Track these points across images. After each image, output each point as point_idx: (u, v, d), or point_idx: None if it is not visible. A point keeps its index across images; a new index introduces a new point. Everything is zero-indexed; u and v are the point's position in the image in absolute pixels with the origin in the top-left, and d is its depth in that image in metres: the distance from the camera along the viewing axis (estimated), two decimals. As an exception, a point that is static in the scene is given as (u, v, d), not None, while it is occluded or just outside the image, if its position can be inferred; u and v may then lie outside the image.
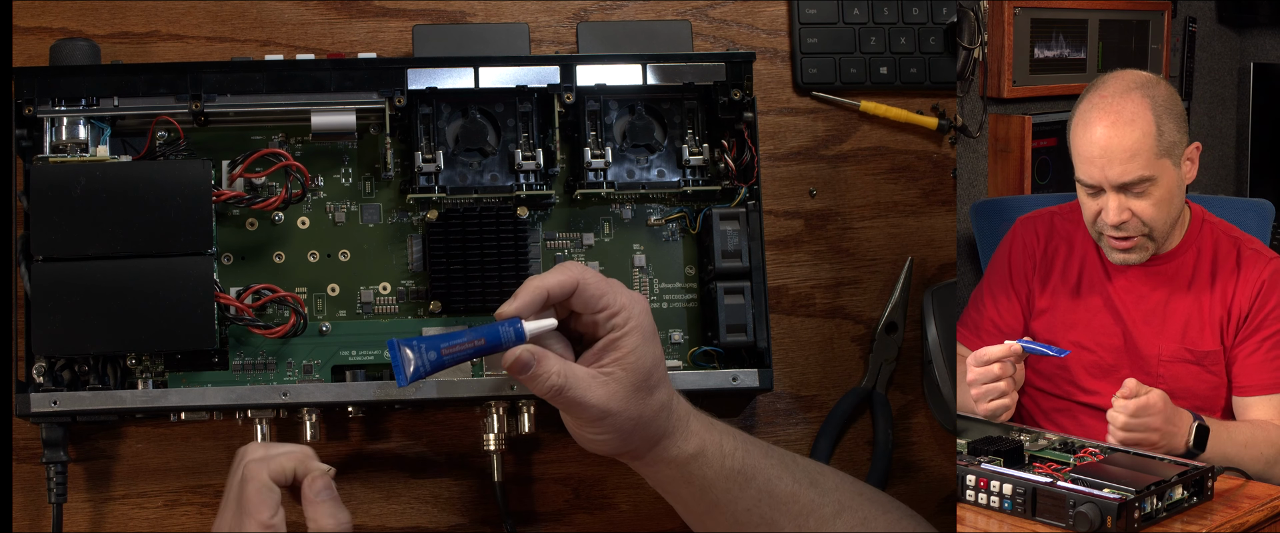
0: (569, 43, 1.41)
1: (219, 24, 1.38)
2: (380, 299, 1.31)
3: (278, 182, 1.29)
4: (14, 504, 1.30)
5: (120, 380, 1.27)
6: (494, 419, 1.29)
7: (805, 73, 1.43)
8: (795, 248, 1.42)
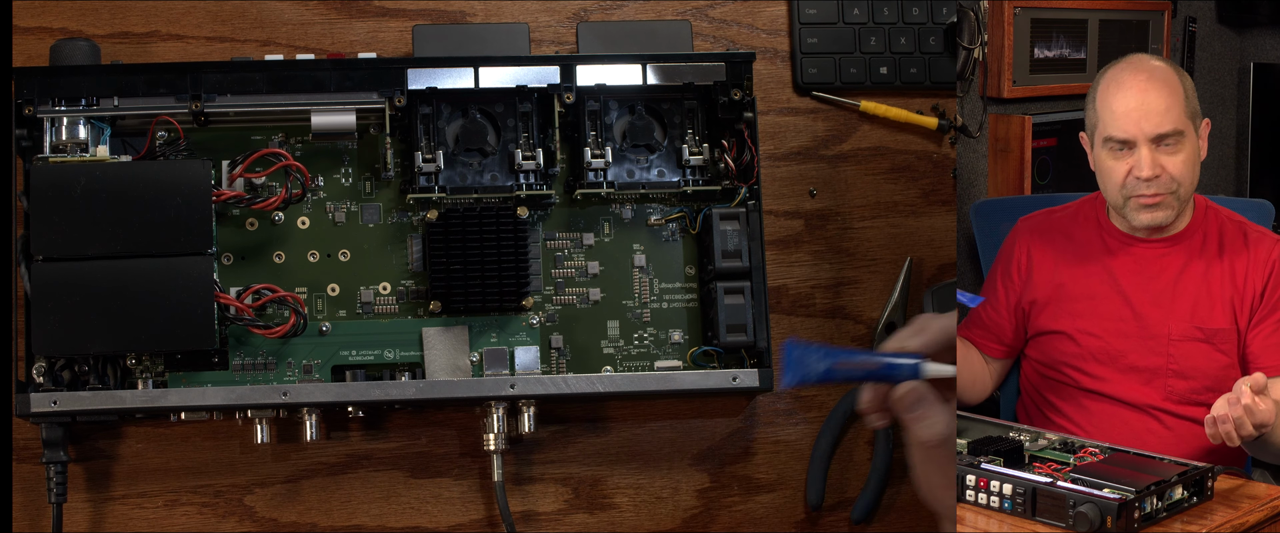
0: (569, 43, 1.41)
1: (219, 24, 1.38)
2: (380, 299, 1.31)
3: (278, 182, 1.29)
4: (14, 504, 1.30)
5: (120, 380, 1.27)
6: (494, 419, 1.29)
7: (805, 73, 1.43)
8: (795, 248, 1.42)
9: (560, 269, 1.34)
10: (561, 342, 1.33)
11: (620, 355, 1.33)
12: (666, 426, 1.37)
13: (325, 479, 1.34)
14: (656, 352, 1.34)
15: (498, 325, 1.32)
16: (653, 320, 1.34)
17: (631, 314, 1.34)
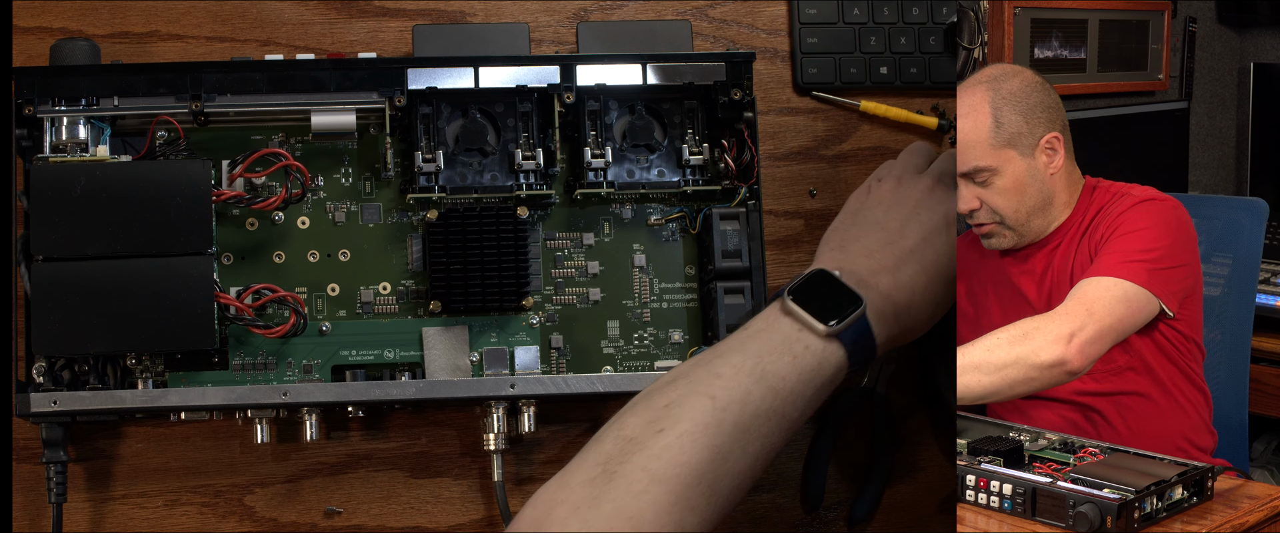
0: (569, 43, 1.41)
1: (219, 24, 1.38)
2: (380, 299, 1.31)
3: (278, 181, 1.29)
4: (14, 504, 1.30)
5: (120, 380, 1.27)
6: (494, 419, 1.29)
7: (805, 73, 1.43)
8: (795, 248, 1.42)
9: (560, 269, 1.34)
10: (561, 342, 1.33)
11: (620, 355, 1.33)
12: (666, 425, 1.37)
13: (325, 479, 1.34)
14: (656, 352, 1.34)
15: (498, 325, 1.32)
16: (653, 320, 1.34)
17: (631, 314, 1.34)
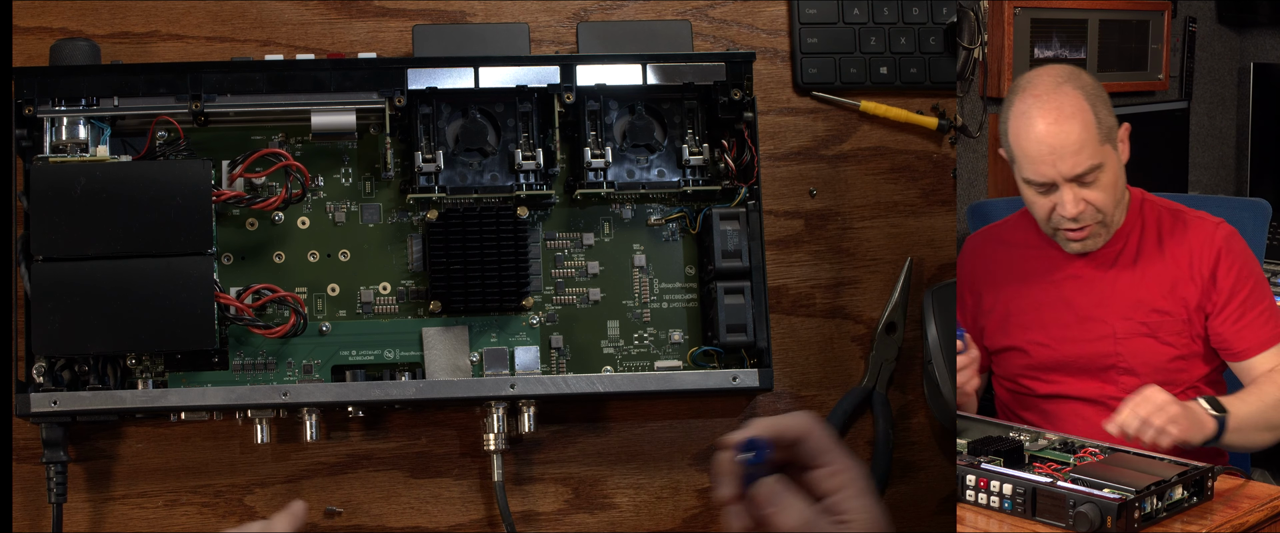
0: (569, 43, 1.41)
1: (219, 24, 1.38)
2: (380, 299, 1.31)
3: (278, 182, 1.29)
4: (14, 504, 1.30)
5: (120, 380, 1.27)
6: (494, 419, 1.29)
7: (805, 73, 1.43)
8: (795, 248, 1.42)
9: (560, 269, 1.34)
10: (561, 342, 1.33)
11: (620, 355, 1.33)
12: (666, 426, 1.37)
13: (325, 479, 1.34)
14: (656, 352, 1.34)
15: (498, 325, 1.32)
16: (653, 320, 1.34)
17: (631, 314, 1.34)
